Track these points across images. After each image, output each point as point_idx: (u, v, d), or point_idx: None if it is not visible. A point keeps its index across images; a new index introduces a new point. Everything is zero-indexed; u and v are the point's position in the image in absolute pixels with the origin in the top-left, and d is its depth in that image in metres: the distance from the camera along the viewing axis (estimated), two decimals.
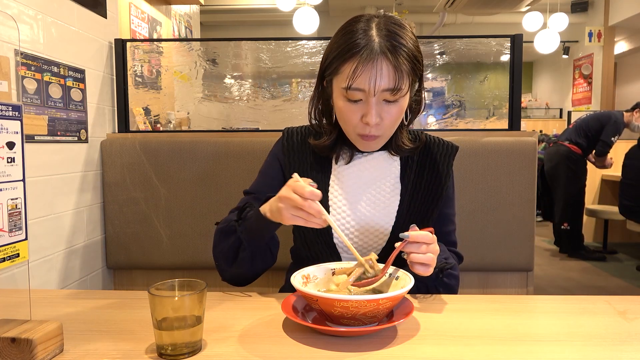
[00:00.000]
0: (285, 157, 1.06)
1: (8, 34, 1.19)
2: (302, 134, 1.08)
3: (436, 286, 0.94)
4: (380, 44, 0.86)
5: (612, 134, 3.96)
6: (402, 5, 6.68)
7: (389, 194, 1.01)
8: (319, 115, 1.03)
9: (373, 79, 0.85)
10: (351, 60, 0.86)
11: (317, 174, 1.03)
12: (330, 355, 0.65)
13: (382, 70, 0.85)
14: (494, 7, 5.47)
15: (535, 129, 6.82)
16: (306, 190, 0.78)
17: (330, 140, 1.01)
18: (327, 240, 1.00)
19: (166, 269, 1.63)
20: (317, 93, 1.01)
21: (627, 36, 6.97)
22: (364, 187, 1.01)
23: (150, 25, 2.97)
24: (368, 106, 0.88)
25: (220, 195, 1.59)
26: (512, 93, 1.63)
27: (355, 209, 1.00)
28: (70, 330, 0.72)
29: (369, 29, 0.88)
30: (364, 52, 0.85)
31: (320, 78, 0.98)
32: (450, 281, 0.95)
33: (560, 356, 0.65)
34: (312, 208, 0.78)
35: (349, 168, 1.02)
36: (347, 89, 0.87)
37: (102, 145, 1.62)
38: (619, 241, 4.64)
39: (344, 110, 0.91)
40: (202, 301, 0.66)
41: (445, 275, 0.93)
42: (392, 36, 0.87)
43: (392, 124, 0.93)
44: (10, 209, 0.64)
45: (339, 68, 0.89)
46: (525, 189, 1.52)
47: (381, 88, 0.86)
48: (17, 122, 0.65)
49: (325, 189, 1.02)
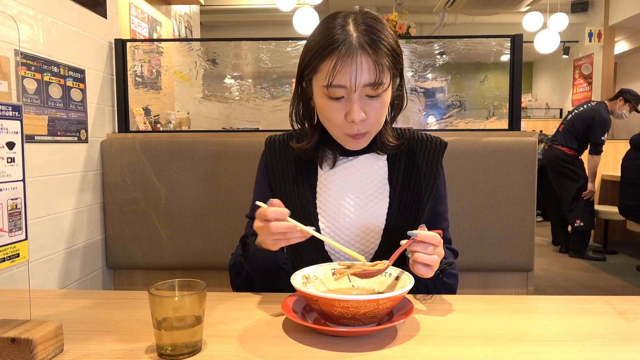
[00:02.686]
0: (270, 170, 1.04)
1: (8, 34, 1.19)
2: (284, 142, 1.05)
3: (436, 286, 0.93)
4: (359, 38, 0.85)
5: (600, 134, 3.95)
6: (402, 5, 6.68)
7: (376, 197, 0.99)
8: (300, 118, 1.00)
9: (353, 75, 0.83)
10: (330, 57, 0.85)
11: (303, 182, 1.01)
12: (330, 355, 0.65)
13: (362, 65, 0.84)
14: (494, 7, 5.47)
15: (535, 129, 6.82)
16: (269, 213, 0.78)
17: (311, 143, 0.98)
18: (318, 247, 0.98)
19: (166, 269, 1.63)
20: (296, 95, 0.98)
21: (627, 36, 6.97)
22: (352, 191, 0.99)
23: (150, 25, 2.97)
24: (350, 103, 0.86)
25: (220, 195, 1.59)
26: (512, 93, 1.63)
27: (344, 214, 0.98)
28: (70, 330, 0.72)
29: (346, 24, 0.86)
30: (343, 47, 0.84)
31: (299, 79, 0.96)
32: (449, 280, 0.94)
33: (560, 356, 0.65)
34: (280, 228, 0.78)
35: (335, 173, 1.00)
36: (327, 86, 0.85)
37: (102, 145, 1.62)
38: (619, 241, 4.64)
39: (326, 110, 0.89)
40: (202, 301, 0.66)
41: (445, 275, 0.92)
42: (370, 30, 0.86)
43: (377, 119, 0.90)
44: (10, 209, 0.64)
45: (317, 66, 0.87)
46: (525, 189, 1.52)
47: (362, 83, 0.84)
48: (17, 122, 0.65)
49: (313, 196, 1.00)
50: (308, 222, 0.98)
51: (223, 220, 1.59)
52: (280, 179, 1.03)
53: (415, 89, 1.82)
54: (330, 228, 0.98)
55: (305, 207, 1.00)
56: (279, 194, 1.02)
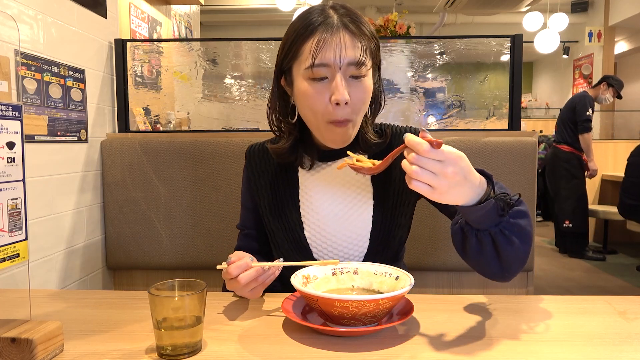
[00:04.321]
0: (252, 183, 1.03)
1: (8, 34, 1.19)
2: (263, 151, 1.04)
3: (502, 231, 0.73)
4: (340, 18, 0.84)
5: (583, 110, 3.98)
6: (402, 5, 6.68)
7: (360, 200, 0.97)
8: (277, 117, 0.97)
9: (338, 50, 0.82)
10: (311, 37, 0.83)
11: (285, 192, 1.00)
12: (330, 355, 0.65)
13: (346, 42, 0.83)
14: (494, 7, 5.47)
15: (535, 129, 6.81)
16: (232, 271, 0.78)
17: (289, 142, 0.95)
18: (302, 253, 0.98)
19: (166, 269, 1.63)
20: (274, 95, 0.96)
21: (627, 36, 6.98)
22: (335, 196, 0.97)
23: (150, 25, 2.97)
24: (335, 82, 0.83)
25: (220, 195, 1.59)
26: (512, 93, 1.63)
27: (330, 220, 0.96)
28: (70, 330, 0.72)
29: (325, 9, 0.86)
30: (323, 27, 0.83)
31: (276, 77, 0.94)
32: (521, 221, 0.75)
33: (560, 356, 0.65)
34: (249, 278, 0.78)
35: (317, 179, 0.98)
36: (311, 66, 0.83)
37: (102, 145, 1.62)
38: (619, 241, 4.64)
39: (309, 94, 0.85)
40: (202, 301, 0.66)
41: (512, 215, 0.74)
42: (350, 13, 0.86)
43: (360, 106, 0.87)
44: (10, 209, 0.64)
45: (299, 50, 0.85)
46: (525, 189, 1.52)
47: (346, 60, 0.82)
48: (17, 122, 0.65)
49: (296, 205, 0.99)
50: (293, 233, 0.99)
51: (223, 220, 1.59)
52: (262, 191, 1.02)
53: (415, 89, 1.82)
54: (316, 237, 0.97)
55: (289, 218, 0.99)
56: (262, 206, 1.02)
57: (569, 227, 4.11)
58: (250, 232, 1.06)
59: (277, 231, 1.01)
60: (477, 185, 0.72)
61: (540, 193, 5.22)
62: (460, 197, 0.70)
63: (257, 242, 1.06)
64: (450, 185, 0.68)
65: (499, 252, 0.75)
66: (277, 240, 1.01)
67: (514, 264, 0.77)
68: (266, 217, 1.02)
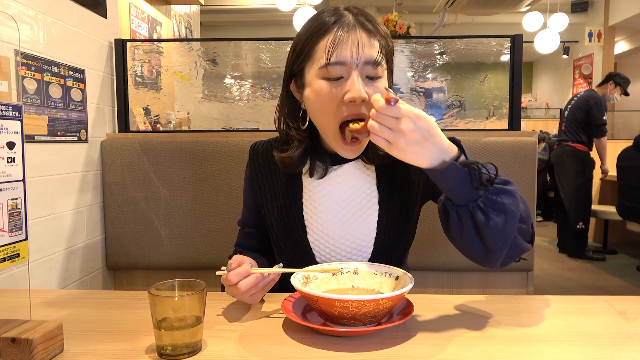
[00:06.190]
0: (256, 183, 1.02)
1: (8, 34, 1.19)
2: (268, 150, 1.01)
3: (480, 206, 0.72)
4: (355, 18, 0.83)
5: (600, 114, 3.94)
6: (402, 5, 6.68)
7: (365, 206, 0.94)
8: (286, 124, 0.94)
9: (355, 48, 0.80)
10: (326, 35, 0.82)
11: (289, 195, 0.97)
12: (330, 355, 0.65)
13: (362, 40, 0.81)
14: (494, 7, 5.47)
15: (535, 129, 6.82)
16: (231, 278, 0.78)
17: (299, 151, 0.91)
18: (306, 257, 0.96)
19: (166, 269, 1.63)
20: (283, 99, 0.93)
21: (627, 36, 6.97)
22: (340, 200, 0.94)
23: (150, 25, 2.97)
24: (351, 79, 0.80)
25: (220, 195, 1.59)
26: (512, 93, 1.63)
27: (334, 224, 0.94)
28: (70, 330, 0.72)
29: (338, 10, 0.85)
30: (338, 25, 0.81)
31: (286, 81, 0.91)
32: (504, 199, 0.72)
33: (560, 356, 0.65)
34: (248, 285, 0.78)
35: (321, 184, 0.94)
36: (326, 65, 0.80)
37: (102, 145, 1.62)
38: (619, 241, 4.64)
39: (322, 93, 0.82)
40: (202, 301, 0.66)
41: (493, 192, 0.72)
42: (364, 14, 0.85)
43: None
44: (10, 209, 0.64)
45: (312, 49, 0.83)
46: (525, 189, 1.52)
47: (363, 59, 0.80)
48: (17, 122, 0.65)
49: (299, 209, 0.96)
50: (296, 236, 0.97)
51: (223, 220, 1.59)
52: (265, 192, 1.00)
53: (415, 89, 1.82)
54: (319, 241, 0.95)
55: (292, 221, 0.97)
56: (265, 208, 1.00)
57: (582, 229, 4.08)
58: (251, 231, 1.06)
59: (279, 234, 0.99)
60: (443, 150, 0.73)
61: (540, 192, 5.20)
62: (421, 157, 0.72)
63: (257, 241, 1.06)
64: (407, 143, 0.70)
65: (479, 230, 0.74)
66: (279, 243, 1.00)
67: (497, 244, 0.74)
68: (268, 219, 1.01)
